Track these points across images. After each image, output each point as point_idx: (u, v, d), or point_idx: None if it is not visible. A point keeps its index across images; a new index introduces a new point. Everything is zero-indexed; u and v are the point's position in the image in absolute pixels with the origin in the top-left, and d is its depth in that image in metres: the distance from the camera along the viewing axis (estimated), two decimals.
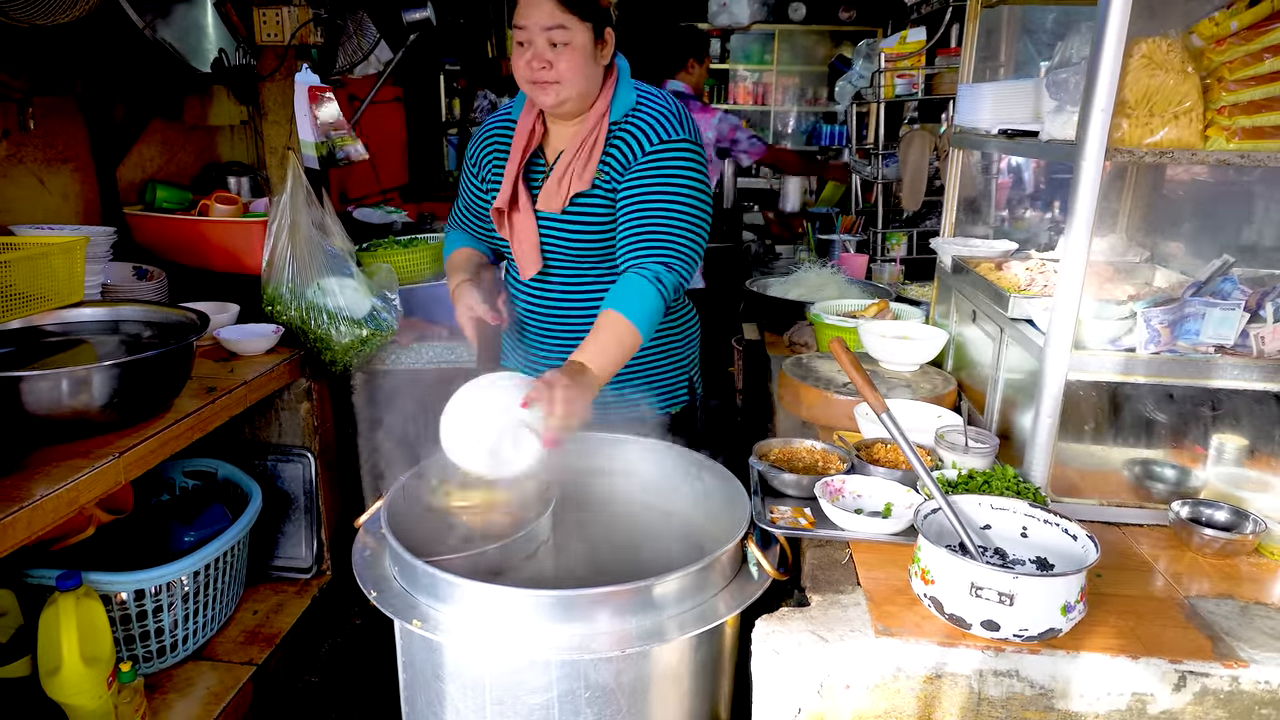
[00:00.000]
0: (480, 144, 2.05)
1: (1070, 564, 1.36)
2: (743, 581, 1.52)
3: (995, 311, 1.95)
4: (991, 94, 2.19)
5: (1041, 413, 1.65)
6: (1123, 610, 1.39)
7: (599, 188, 1.87)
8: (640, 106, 1.88)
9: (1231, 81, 1.51)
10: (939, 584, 1.30)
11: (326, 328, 2.67)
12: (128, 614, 2.19)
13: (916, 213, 4.00)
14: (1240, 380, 1.63)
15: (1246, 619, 1.39)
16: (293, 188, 2.74)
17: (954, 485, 1.62)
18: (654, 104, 1.89)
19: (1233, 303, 1.60)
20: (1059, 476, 1.72)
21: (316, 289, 2.69)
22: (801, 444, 1.85)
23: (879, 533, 1.55)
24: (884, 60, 3.78)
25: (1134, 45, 1.51)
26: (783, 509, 1.66)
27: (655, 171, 1.82)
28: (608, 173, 1.86)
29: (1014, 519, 1.46)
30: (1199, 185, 2.16)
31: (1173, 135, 1.53)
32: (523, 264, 1.97)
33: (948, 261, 2.40)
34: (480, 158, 2.05)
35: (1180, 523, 1.61)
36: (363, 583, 1.47)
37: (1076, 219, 1.55)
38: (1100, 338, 1.66)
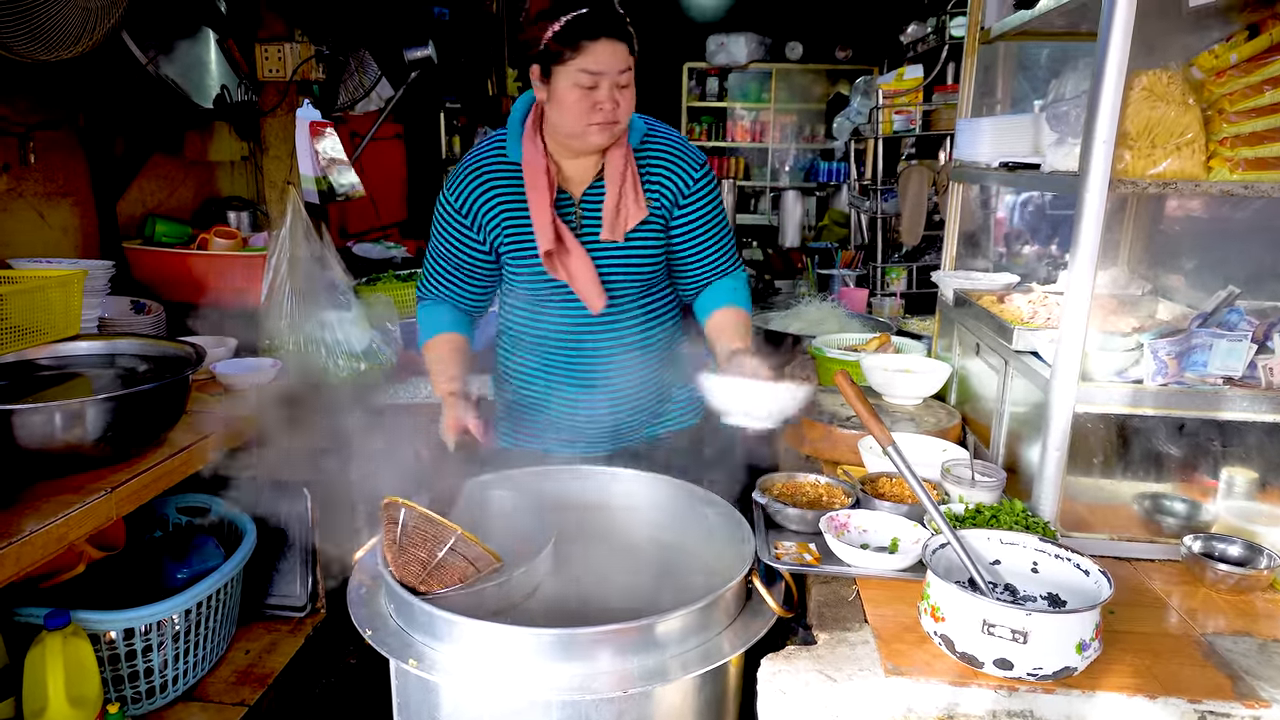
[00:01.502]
0: (473, 192, 1.89)
1: (1083, 600, 1.33)
2: (747, 619, 1.48)
3: (999, 344, 1.93)
4: (991, 128, 2.20)
5: (1049, 446, 1.62)
6: (1138, 648, 1.36)
7: (652, 215, 1.91)
8: (652, 133, 1.94)
9: (1232, 113, 1.51)
10: (949, 621, 1.27)
11: (324, 361, 2.65)
12: (116, 653, 2.14)
13: (915, 247, 4.01)
14: (1249, 412, 1.61)
15: (1265, 657, 1.35)
16: (292, 222, 2.74)
17: (961, 520, 1.59)
18: (661, 129, 1.96)
19: (1240, 334, 1.59)
20: (1068, 511, 1.69)
21: (315, 323, 2.68)
22: (805, 478, 1.82)
23: (886, 569, 1.51)
24: (882, 97, 3.81)
25: (1134, 78, 1.51)
26: (787, 544, 1.63)
27: (707, 195, 1.96)
28: (659, 199, 1.92)
29: (1024, 554, 1.43)
30: (1200, 218, 2.16)
31: (1175, 166, 1.52)
32: (589, 299, 1.88)
33: (949, 294, 2.39)
34: (477, 207, 1.89)
35: (1193, 558, 1.58)
36: (358, 621, 1.43)
37: (1081, 250, 1.54)
38: (1106, 369, 1.64)
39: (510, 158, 1.88)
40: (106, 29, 2.21)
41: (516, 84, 5.68)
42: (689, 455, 2.05)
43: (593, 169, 1.88)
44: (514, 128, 1.87)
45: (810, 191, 7.53)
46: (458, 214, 1.92)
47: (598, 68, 1.69)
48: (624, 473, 1.87)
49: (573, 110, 1.73)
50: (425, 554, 1.39)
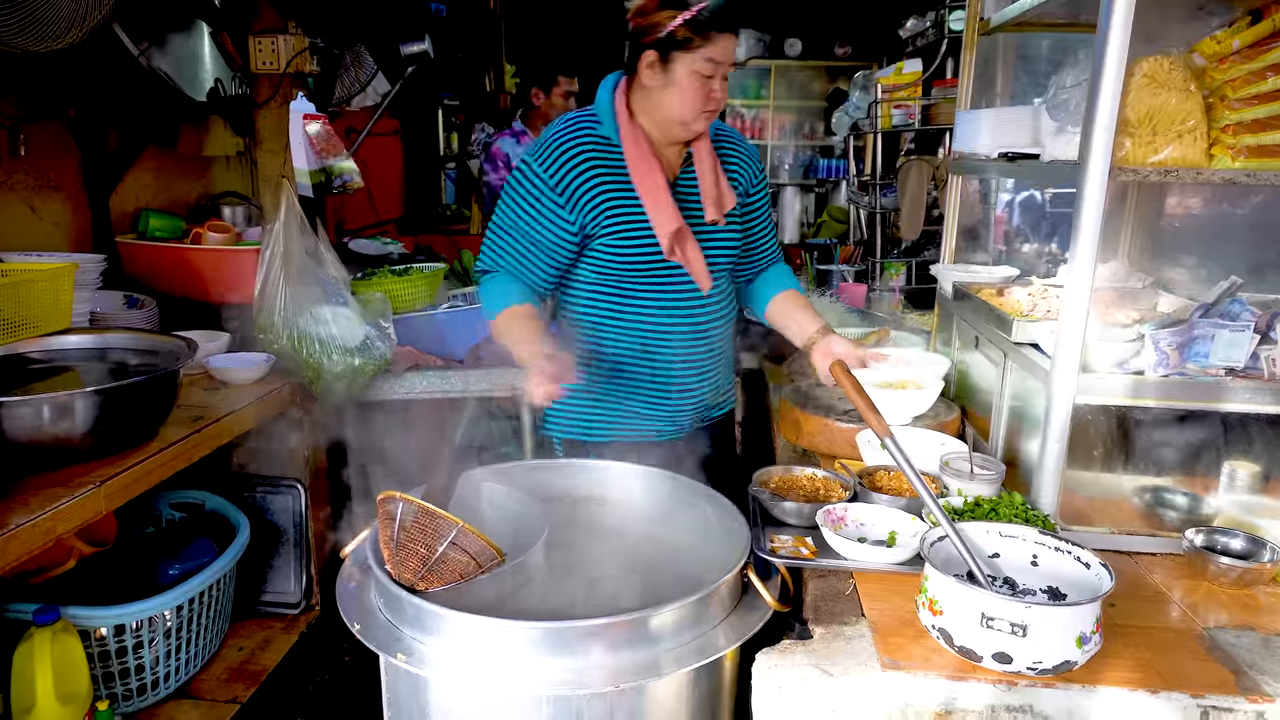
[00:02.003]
0: (570, 169, 1.84)
1: (1084, 593, 1.31)
2: (743, 613, 1.46)
3: (998, 337, 1.91)
4: (990, 119, 2.18)
5: (1049, 438, 1.60)
6: (1140, 642, 1.34)
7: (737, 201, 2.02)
8: (720, 127, 2.04)
9: (1235, 100, 1.49)
10: (948, 614, 1.25)
11: (318, 356, 2.62)
12: (107, 650, 2.12)
13: (915, 242, 3.99)
14: (1252, 404, 1.59)
15: (1269, 652, 1.33)
16: (286, 216, 2.71)
17: (960, 513, 1.57)
18: (723, 125, 2.09)
19: (1242, 324, 1.57)
20: (1068, 504, 1.67)
21: (309, 317, 2.65)
22: (802, 472, 1.80)
23: (884, 562, 1.49)
24: (880, 91, 3.79)
25: (1135, 65, 1.49)
26: (784, 538, 1.61)
27: (765, 187, 2.14)
28: (737, 186, 2.02)
29: (1023, 547, 1.41)
30: (1201, 208, 2.14)
31: (1177, 154, 1.50)
32: (701, 279, 1.94)
33: (948, 288, 2.37)
34: (573, 185, 1.84)
35: (1195, 551, 1.56)
36: (346, 615, 1.41)
37: (1081, 240, 1.51)
38: (1107, 360, 1.62)
39: (608, 138, 1.87)
40: (98, 20, 2.18)
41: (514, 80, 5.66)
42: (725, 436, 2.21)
43: (680, 157, 1.94)
44: (605, 108, 1.88)
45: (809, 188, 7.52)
46: (550, 190, 1.85)
47: (721, 58, 1.77)
48: (617, 466, 1.85)
49: (692, 98, 1.78)
50: (424, 549, 1.36)
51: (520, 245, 1.92)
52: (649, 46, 1.78)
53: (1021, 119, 2.07)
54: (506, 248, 1.94)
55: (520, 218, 1.90)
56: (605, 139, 1.87)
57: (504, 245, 1.94)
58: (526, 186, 1.88)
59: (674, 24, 1.73)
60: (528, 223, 1.89)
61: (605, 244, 1.90)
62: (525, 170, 1.89)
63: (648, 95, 1.84)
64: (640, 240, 1.88)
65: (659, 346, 1.98)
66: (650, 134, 1.88)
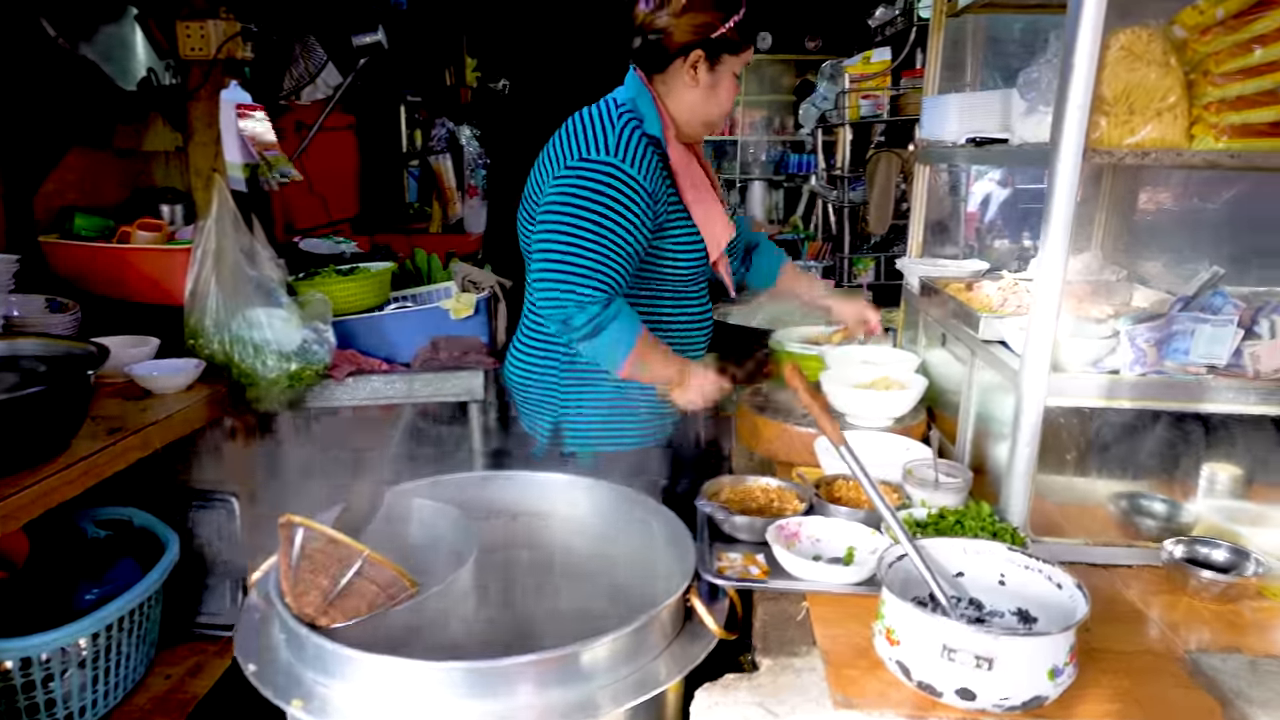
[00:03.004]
0: (654, 170, 1.74)
1: (1055, 617, 1.19)
2: (686, 641, 1.33)
3: (966, 334, 1.79)
4: (958, 104, 2.06)
5: (1018, 443, 1.48)
6: (1117, 669, 1.22)
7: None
8: None
9: (1218, 75, 1.38)
10: (905, 645, 1.12)
11: (252, 361, 2.47)
12: (12, 685, 1.95)
13: (884, 237, 3.88)
14: (1235, 404, 1.48)
15: (1257, 677, 1.22)
16: (219, 213, 2.56)
17: (923, 526, 1.45)
18: None
19: (1225, 318, 1.45)
20: (1038, 513, 1.55)
21: (242, 320, 2.50)
22: (756, 482, 1.67)
23: (839, 583, 1.37)
24: (848, 81, 3.67)
25: (1111, 37, 1.37)
26: (733, 556, 1.48)
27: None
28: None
29: (991, 564, 1.29)
30: (1179, 194, 2.03)
31: (1155, 134, 1.38)
32: (729, 280, 2.03)
33: (915, 283, 2.25)
34: (658, 187, 1.75)
35: (1175, 564, 1.45)
36: (243, 654, 1.26)
37: (1052, 228, 1.39)
38: (1080, 359, 1.50)
39: (656, 138, 1.79)
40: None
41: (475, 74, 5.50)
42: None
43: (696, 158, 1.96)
44: (649, 108, 1.79)
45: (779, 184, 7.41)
46: (648, 195, 1.71)
47: (749, 62, 1.86)
48: (558, 478, 1.72)
49: (727, 99, 1.84)
50: (326, 581, 1.22)
51: (627, 258, 1.71)
52: (699, 47, 1.75)
53: (990, 103, 1.95)
54: (619, 264, 1.69)
55: (626, 227, 1.69)
56: (655, 139, 1.79)
57: (616, 262, 1.69)
58: (626, 192, 1.68)
59: (725, 27, 1.75)
60: (632, 231, 1.70)
61: (666, 248, 1.83)
62: (614, 173, 1.68)
63: (682, 96, 1.82)
64: (688, 247, 1.86)
65: (697, 348, 2.01)
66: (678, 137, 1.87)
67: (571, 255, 1.66)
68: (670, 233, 1.81)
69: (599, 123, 1.76)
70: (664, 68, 1.79)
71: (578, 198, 1.68)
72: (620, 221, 1.68)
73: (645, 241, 1.74)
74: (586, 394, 1.91)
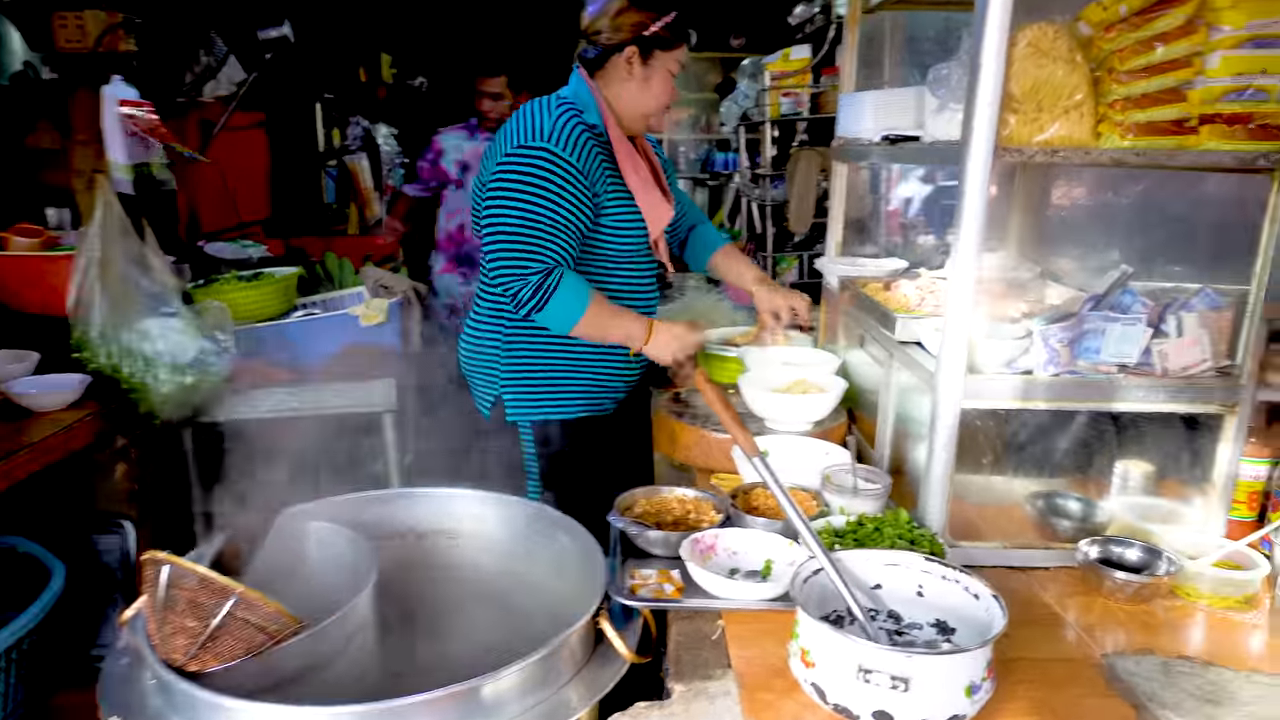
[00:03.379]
0: (588, 154, 1.86)
1: (973, 629, 1.15)
2: (598, 666, 1.27)
3: (883, 335, 1.76)
4: (873, 101, 2.04)
5: (935, 447, 1.45)
6: (1034, 678, 1.19)
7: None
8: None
9: (1123, 72, 1.36)
10: (821, 667, 1.07)
11: (143, 375, 2.32)
12: None
13: (808, 236, 3.87)
14: (1145, 403, 1.47)
15: (1170, 680, 1.20)
16: (104, 217, 2.39)
17: (841, 535, 1.41)
18: None
19: (1134, 316, 1.45)
20: (957, 516, 1.53)
21: (132, 332, 2.34)
22: (672, 493, 1.61)
23: (755, 599, 1.31)
24: (769, 79, 3.65)
25: (1018, 33, 1.34)
26: (647, 573, 1.42)
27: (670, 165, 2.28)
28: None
29: (908, 576, 1.25)
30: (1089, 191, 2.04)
31: (1063, 131, 1.37)
32: (667, 262, 2.14)
33: (834, 282, 2.23)
34: (593, 170, 1.87)
35: (1090, 565, 1.44)
36: (106, 703, 1.15)
37: (966, 226, 1.37)
38: (995, 360, 1.48)
39: (595, 126, 1.92)
40: None
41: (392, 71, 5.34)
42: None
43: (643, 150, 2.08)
44: (588, 100, 1.93)
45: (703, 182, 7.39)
46: (581, 175, 1.84)
47: (684, 59, 1.97)
48: (466, 494, 1.64)
49: (663, 93, 1.96)
50: (195, 622, 1.12)
51: (561, 232, 1.83)
52: (633, 43, 1.89)
53: (905, 100, 1.92)
54: (552, 237, 1.82)
55: (563, 206, 1.82)
56: (594, 127, 1.92)
57: (557, 238, 1.83)
58: (559, 175, 1.82)
59: (657, 25, 1.89)
60: (569, 210, 1.83)
61: (606, 226, 1.93)
62: (548, 157, 1.81)
63: (620, 90, 1.94)
64: (627, 228, 1.96)
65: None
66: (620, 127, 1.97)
67: (513, 234, 1.81)
68: (613, 211, 1.93)
69: (537, 114, 1.89)
70: (603, 65, 1.93)
71: (515, 182, 1.82)
72: (555, 199, 1.81)
73: (585, 217, 1.87)
74: (525, 364, 2.02)
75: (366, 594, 1.35)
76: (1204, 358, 1.46)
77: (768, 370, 2.05)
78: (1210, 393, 1.47)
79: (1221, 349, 1.47)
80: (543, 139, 1.82)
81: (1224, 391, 1.47)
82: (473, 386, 2.16)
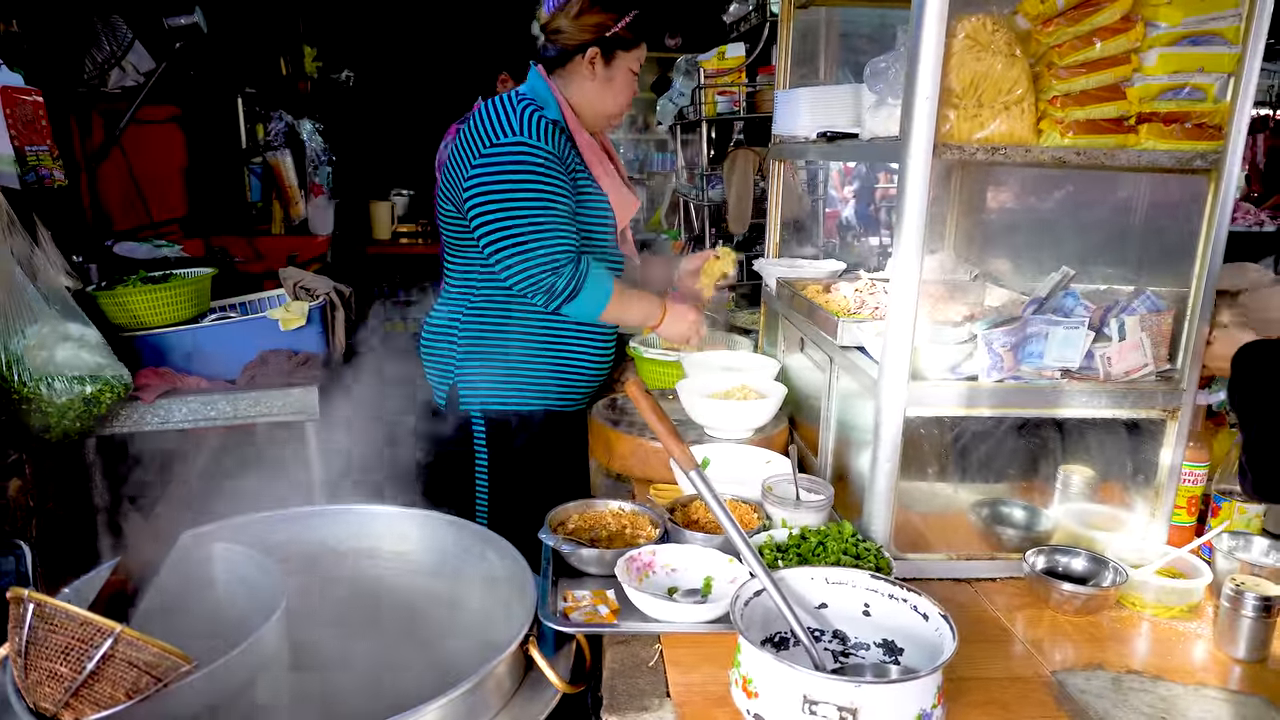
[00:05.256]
0: (562, 146, 1.87)
1: (922, 650, 1.10)
2: (529, 695, 1.19)
3: (824, 339, 1.71)
4: (809, 98, 1.99)
5: (880, 458, 1.40)
6: (985, 699, 1.14)
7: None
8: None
9: (1062, 68, 1.33)
10: (764, 697, 1.00)
11: (35, 386, 2.14)
12: None
13: (747, 236, 3.82)
14: (1088, 408, 1.45)
15: (1120, 695, 1.17)
16: None
17: (784, 550, 1.35)
18: None
19: (1076, 320, 1.42)
20: (902, 525, 1.48)
21: (21, 339, 2.16)
22: (607, 507, 1.53)
23: (694, 621, 1.24)
24: (703, 77, 3.60)
25: (955, 25, 1.30)
26: (581, 594, 1.33)
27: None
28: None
29: (854, 594, 1.19)
30: (1028, 190, 2.02)
31: (1004, 128, 1.32)
32: (633, 252, 2.14)
33: (773, 284, 2.17)
34: (569, 161, 1.89)
35: (1036, 577, 1.40)
36: None
37: (907, 227, 1.31)
38: (939, 365, 1.43)
39: (558, 122, 1.91)
40: None
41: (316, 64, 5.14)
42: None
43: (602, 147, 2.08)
44: (549, 97, 1.93)
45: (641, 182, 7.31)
46: (559, 162, 1.85)
47: (643, 59, 1.99)
48: (385, 510, 1.54)
49: (624, 93, 1.98)
50: (67, 667, 0.99)
51: (569, 219, 1.86)
52: (595, 44, 1.91)
53: (842, 97, 1.88)
54: (565, 224, 1.85)
55: (553, 194, 1.83)
56: (556, 122, 1.91)
57: (562, 223, 1.84)
58: (543, 167, 1.82)
59: (619, 25, 1.91)
60: (561, 197, 1.85)
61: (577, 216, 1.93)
62: (527, 150, 1.81)
63: (581, 89, 1.95)
64: (596, 221, 1.96)
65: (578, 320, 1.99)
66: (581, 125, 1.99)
67: (523, 232, 1.80)
68: (583, 200, 1.94)
69: (501, 111, 1.87)
70: (564, 64, 1.95)
71: (503, 180, 1.80)
72: (547, 188, 1.82)
73: (573, 202, 1.89)
74: (480, 355, 2.00)
75: (273, 624, 1.24)
76: (1145, 362, 1.44)
77: (706, 375, 1.99)
78: (1152, 397, 1.44)
79: (1162, 352, 1.45)
80: (515, 134, 1.81)
81: (1165, 396, 1.45)
82: (429, 375, 2.14)
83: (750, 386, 1.92)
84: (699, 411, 1.85)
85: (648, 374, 2.25)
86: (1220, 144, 1.37)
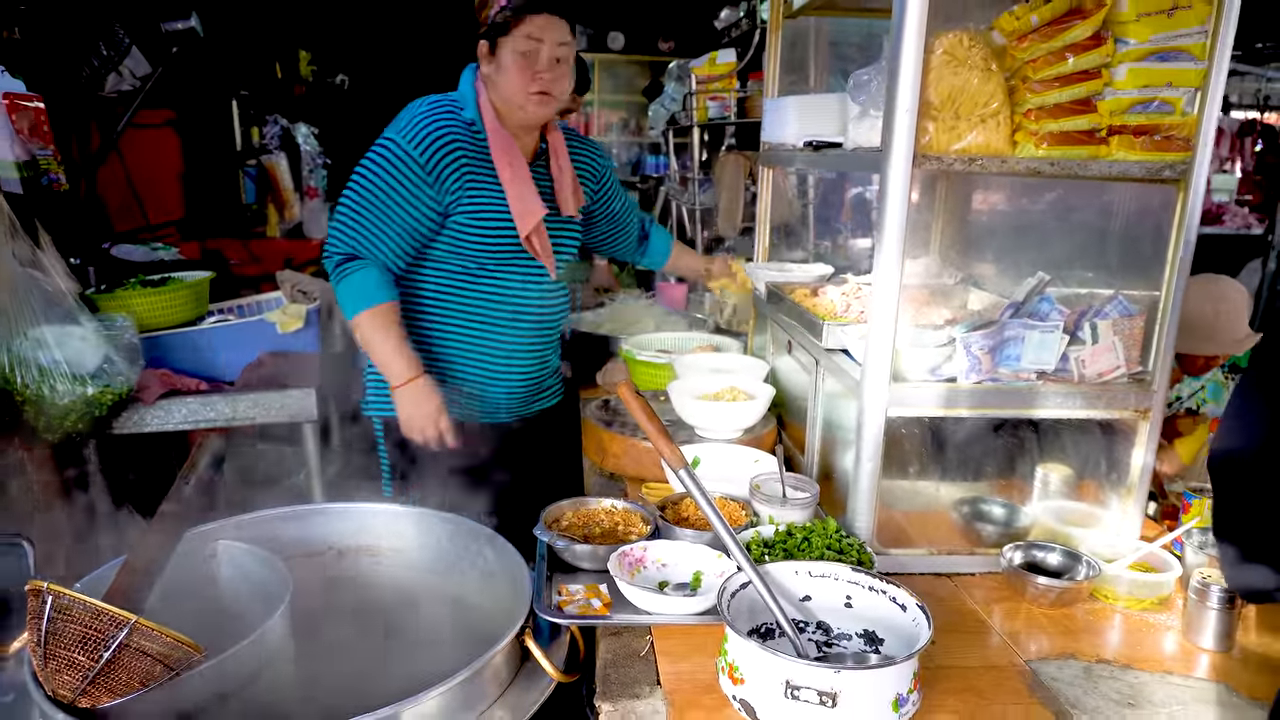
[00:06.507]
0: (439, 148, 1.85)
1: (900, 640, 1.15)
2: (525, 685, 1.24)
3: (810, 342, 1.76)
4: (797, 106, 2.04)
5: (862, 456, 1.45)
6: (961, 687, 1.20)
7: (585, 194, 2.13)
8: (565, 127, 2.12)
9: (1036, 82, 1.38)
10: (750, 684, 1.05)
11: (38, 386, 2.19)
12: None
13: (738, 240, 3.87)
14: (1063, 409, 1.50)
15: (1091, 684, 1.22)
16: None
17: (770, 545, 1.40)
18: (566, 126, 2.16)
19: (1051, 324, 1.47)
20: (885, 522, 1.54)
21: (25, 340, 2.21)
22: (599, 504, 1.58)
23: (683, 613, 1.29)
24: (695, 82, 3.65)
25: (934, 40, 1.35)
26: (575, 588, 1.38)
27: (611, 174, 2.28)
28: (585, 181, 2.13)
29: (836, 587, 1.24)
30: (1010, 197, 2.08)
31: (980, 140, 1.38)
32: (551, 266, 2.00)
33: (762, 288, 2.22)
34: (442, 165, 1.85)
35: (1013, 571, 1.46)
36: None
37: (887, 234, 1.37)
38: (919, 367, 1.49)
39: (472, 123, 1.90)
40: None
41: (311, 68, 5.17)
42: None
43: (534, 148, 2.00)
44: (468, 95, 1.92)
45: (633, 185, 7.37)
46: (420, 169, 1.84)
47: (539, 35, 1.83)
48: (385, 508, 1.59)
49: (517, 78, 1.85)
50: (85, 657, 1.04)
51: (387, 227, 1.87)
52: (481, 38, 1.88)
53: (829, 106, 1.93)
54: (373, 231, 1.87)
55: (391, 198, 1.86)
56: (469, 124, 1.90)
57: (369, 228, 1.87)
58: (395, 166, 1.84)
59: (494, 10, 1.84)
60: (397, 203, 1.86)
61: (463, 225, 1.90)
62: (392, 148, 1.86)
63: (491, 85, 1.91)
64: (497, 225, 1.92)
65: (494, 329, 2.00)
66: (505, 123, 1.93)
67: (341, 214, 1.89)
68: (480, 208, 1.90)
69: (410, 110, 1.91)
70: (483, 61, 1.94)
71: (361, 168, 1.89)
72: (388, 191, 1.84)
73: (421, 216, 1.87)
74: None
75: (279, 617, 1.29)
76: (1118, 364, 1.50)
77: (696, 377, 2.04)
78: (1125, 398, 1.50)
79: (1134, 355, 1.51)
80: (398, 132, 1.87)
81: (1137, 397, 1.50)
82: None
83: (739, 388, 1.98)
84: (689, 412, 1.90)
85: (640, 376, 2.30)
86: (1188, 155, 1.43)
